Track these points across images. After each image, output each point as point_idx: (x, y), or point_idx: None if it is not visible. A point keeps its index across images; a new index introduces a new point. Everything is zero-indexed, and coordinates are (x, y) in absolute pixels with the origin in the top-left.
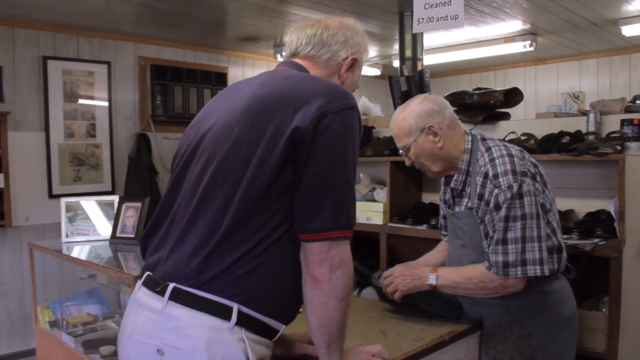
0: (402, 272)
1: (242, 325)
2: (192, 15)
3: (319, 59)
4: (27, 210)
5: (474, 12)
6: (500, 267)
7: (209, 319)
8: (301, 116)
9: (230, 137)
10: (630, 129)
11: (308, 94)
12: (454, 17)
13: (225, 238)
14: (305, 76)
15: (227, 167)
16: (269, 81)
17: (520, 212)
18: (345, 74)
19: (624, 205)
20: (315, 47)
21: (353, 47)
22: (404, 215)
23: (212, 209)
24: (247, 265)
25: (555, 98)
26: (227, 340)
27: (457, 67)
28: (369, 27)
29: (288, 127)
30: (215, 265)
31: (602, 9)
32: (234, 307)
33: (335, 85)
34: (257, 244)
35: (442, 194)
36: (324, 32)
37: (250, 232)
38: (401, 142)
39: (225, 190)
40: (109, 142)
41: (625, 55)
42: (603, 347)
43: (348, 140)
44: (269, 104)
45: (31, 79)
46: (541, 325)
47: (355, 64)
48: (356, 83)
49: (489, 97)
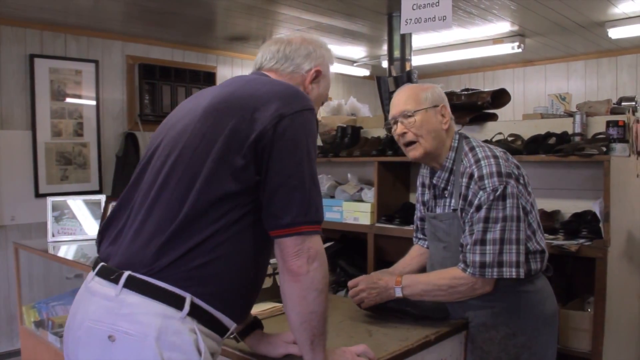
0: (367, 286)
1: (194, 316)
2: (181, 14)
3: (283, 71)
4: (13, 209)
5: (462, 14)
6: (477, 267)
7: (161, 307)
8: (260, 116)
9: (190, 133)
10: (616, 131)
11: (268, 95)
12: (442, 18)
13: (181, 228)
14: (266, 80)
15: (186, 161)
16: (231, 84)
17: (502, 214)
18: (310, 85)
19: (609, 206)
20: (279, 61)
21: (316, 59)
22: (392, 215)
23: (169, 200)
24: (202, 256)
25: (544, 99)
26: (178, 329)
27: (446, 68)
28: (358, 27)
29: (247, 126)
30: (170, 254)
31: (588, 11)
32: (187, 297)
33: (295, 88)
34: (212, 235)
35: (420, 196)
36: (287, 47)
37: (206, 224)
38: (407, 106)
39: (183, 182)
40: (96, 141)
41: (612, 58)
42: (588, 346)
43: (309, 139)
44: (230, 103)
45: (18, 77)
46: (526, 325)
47: (320, 76)
48: (323, 95)
49: (477, 98)
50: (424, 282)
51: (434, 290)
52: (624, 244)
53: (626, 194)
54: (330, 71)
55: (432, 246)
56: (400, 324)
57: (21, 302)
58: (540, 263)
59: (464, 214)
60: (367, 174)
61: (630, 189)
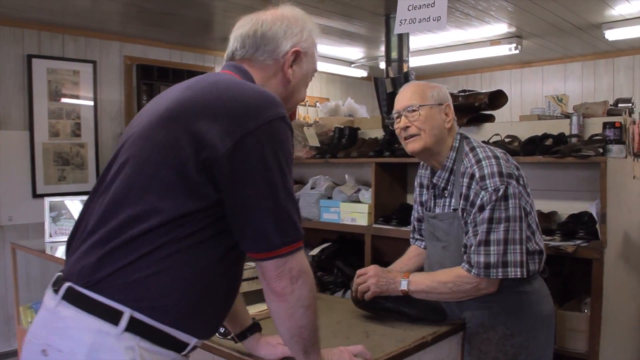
0: (377, 273)
1: (136, 332)
2: (179, 15)
3: (255, 61)
4: (11, 209)
5: (459, 15)
6: (482, 268)
7: (96, 322)
8: (218, 131)
9: (146, 140)
10: (612, 132)
11: (229, 106)
12: (437, 19)
13: (125, 240)
14: (231, 84)
15: (138, 171)
16: (194, 85)
17: (505, 215)
18: (290, 69)
19: (606, 207)
20: (250, 49)
21: (293, 37)
22: (389, 216)
23: (118, 211)
24: (147, 269)
25: (541, 101)
26: (112, 347)
27: (444, 69)
28: (356, 28)
29: (204, 140)
30: (109, 266)
31: (586, 13)
32: (126, 312)
33: (261, 97)
34: (159, 247)
35: (418, 196)
36: (257, 30)
37: (152, 237)
38: (413, 101)
39: (134, 192)
40: (94, 142)
41: (609, 59)
42: (584, 347)
43: (280, 152)
44: (187, 111)
45: (15, 78)
46: (523, 325)
47: (300, 56)
48: (308, 74)
49: (474, 100)
50: (429, 279)
51: (438, 288)
52: (621, 245)
53: (623, 195)
54: (315, 44)
55: (430, 246)
56: (397, 324)
57: (18, 302)
58: (538, 264)
59: (465, 214)
60: (365, 175)
61: (627, 190)
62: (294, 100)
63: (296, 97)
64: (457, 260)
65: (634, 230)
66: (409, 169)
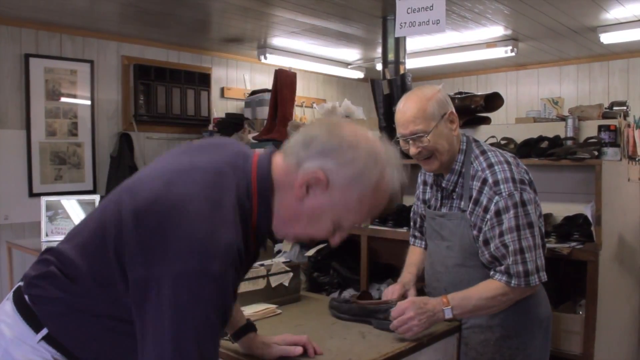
0: (417, 312)
1: (53, 347)
2: (176, 15)
3: (284, 159)
4: (7, 208)
5: (456, 17)
6: (522, 277)
7: (21, 322)
8: (131, 266)
9: (106, 206)
10: (607, 135)
11: (152, 242)
12: (436, 22)
13: (61, 272)
14: (179, 206)
15: (98, 225)
16: (174, 179)
17: (527, 220)
18: (302, 189)
19: (601, 210)
20: (299, 146)
21: (332, 159)
22: (385, 217)
23: (71, 245)
24: (76, 320)
25: (536, 103)
26: (27, 351)
27: (440, 71)
28: (353, 30)
29: (121, 261)
30: (39, 289)
31: (581, 17)
32: (44, 330)
33: (200, 241)
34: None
35: (421, 194)
36: (318, 136)
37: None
38: (419, 126)
39: (79, 245)
40: (90, 141)
41: (604, 62)
42: (579, 349)
43: (187, 316)
44: (122, 214)
45: (12, 77)
46: (521, 327)
47: (322, 185)
48: (330, 214)
49: (470, 102)
50: (471, 300)
51: (486, 304)
52: (615, 247)
53: (617, 198)
54: (363, 191)
55: (432, 245)
56: None
57: None
58: None
59: (474, 217)
60: None
61: (622, 192)
62: (299, 230)
63: (304, 228)
64: (459, 259)
65: (629, 232)
66: (405, 171)
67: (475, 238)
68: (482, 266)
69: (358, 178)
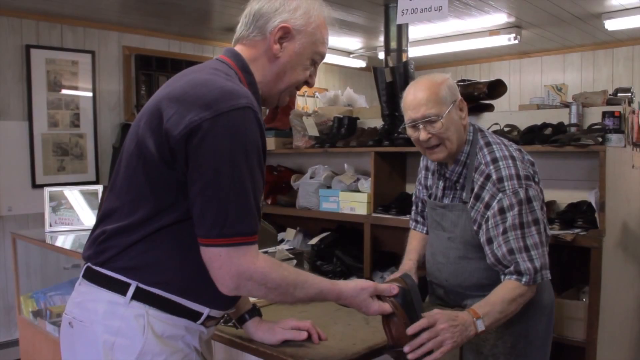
0: (449, 323)
1: (144, 301)
2: (178, 5)
3: (247, 38)
4: (10, 200)
5: (459, 5)
6: (531, 274)
7: (107, 294)
8: (175, 122)
9: (132, 134)
10: (612, 121)
11: (190, 100)
12: (438, 9)
13: (122, 225)
14: (201, 80)
15: (127, 163)
16: (172, 82)
17: (532, 217)
18: (277, 45)
19: (605, 196)
20: (246, 27)
21: (283, 14)
22: (388, 205)
23: (114, 199)
24: (144, 248)
25: (540, 91)
26: (123, 315)
27: (443, 59)
28: (354, 18)
29: (165, 131)
30: (113, 248)
31: (585, 3)
32: (132, 284)
33: (222, 89)
34: (150, 234)
35: (423, 179)
36: (254, 7)
37: (142, 220)
38: (431, 109)
39: (124, 183)
40: (93, 132)
41: (609, 50)
42: (583, 335)
43: (235, 143)
44: (159, 107)
45: (14, 68)
46: (523, 313)
47: (290, 33)
48: (303, 55)
49: (473, 89)
50: (496, 306)
51: (509, 309)
52: (619, 234)
53: (621, 185)
54: (314, 23)
55: (433, 235)
56: None
57: (19, 292)
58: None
59: (474, 212)
60: (364, 164)
61: (626, 179)
62: (286, 80)
63: (289, 77)
64: (461, 251)
65: (633, 219)
66: (408, 158)
67: (475, 232)
68: (483, 258)
69: (309, 16)
